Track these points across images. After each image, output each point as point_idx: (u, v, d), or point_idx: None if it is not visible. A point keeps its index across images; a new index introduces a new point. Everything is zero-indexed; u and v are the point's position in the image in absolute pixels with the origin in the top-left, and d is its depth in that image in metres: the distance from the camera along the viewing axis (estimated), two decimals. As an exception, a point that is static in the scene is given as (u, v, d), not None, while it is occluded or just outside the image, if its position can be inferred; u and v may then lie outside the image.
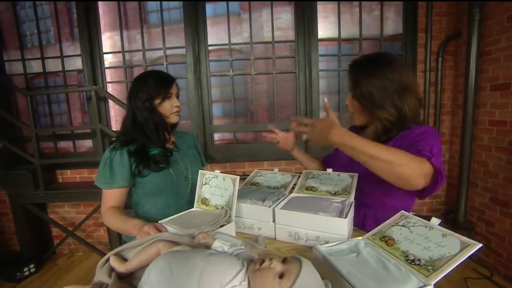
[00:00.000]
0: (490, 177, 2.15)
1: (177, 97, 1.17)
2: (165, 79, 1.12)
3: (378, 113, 0.91)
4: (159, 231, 0.78)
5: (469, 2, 2.14)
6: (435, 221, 0.64)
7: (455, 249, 0.56)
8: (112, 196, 1.05)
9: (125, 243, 0.79)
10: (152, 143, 1.10)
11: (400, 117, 0.91)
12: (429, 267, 0.54)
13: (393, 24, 2.50)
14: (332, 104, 2.53)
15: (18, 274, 2.29)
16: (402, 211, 0.73)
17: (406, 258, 0.58)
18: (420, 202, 2.65)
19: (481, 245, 0.54)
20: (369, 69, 0.92)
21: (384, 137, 0.93)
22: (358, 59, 0.97)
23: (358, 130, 1.05)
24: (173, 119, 1.15)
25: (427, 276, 0.52)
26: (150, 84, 1.09)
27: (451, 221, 2.44)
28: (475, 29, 2.11)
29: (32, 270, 2.40)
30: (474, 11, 2.10)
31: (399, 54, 2.50)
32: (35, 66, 2.61)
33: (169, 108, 1.12)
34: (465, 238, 0.57)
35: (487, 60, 2.13)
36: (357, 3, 2.44)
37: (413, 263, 0.56)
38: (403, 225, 0.68)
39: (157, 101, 1.09)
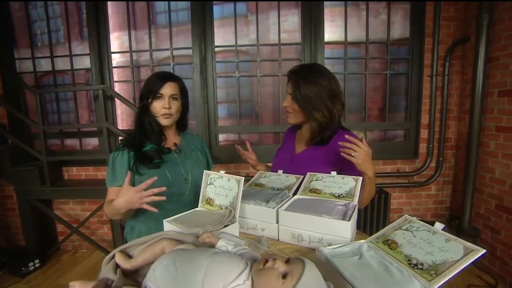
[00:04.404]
0: (497, 183, 2.13)
1: (176, 99, 1.14)
2: (157, 79, 1.12)
3: (315, 114, 1.08)
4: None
5: (478, 6, 2.12)
6: (438, 226, 0.64)
7: (458, 254, 0.55)
8: (113, 193, 1.09)
9: (126, 242, 0.81)
10: (149, 142, 1.13)
11: (331, 118, 1.09)
12: (432, 272, 0.54)
13: (400, 28, 2.49)
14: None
15: (23, 268, 2.33)
16: (406, 215, 0.73)
17: (409, 262, 0.58)
18: (424, 207, 2.63)
19: (484, 250, 0.54)
20: (306, 76, 1.08)
21: (318, 137, 1.11)
22: (297, 68, 1.13)
23: (294, 128, 1.29)
24: (161, 121, 1.13)
25: (429, 281, 0.52)
26: (146, 83, 1.14)
27: (456, 227, 2.41)
28: (483, 34, 2.10)
29: (37, 265, 2.43)
30: (483, 16, 2.08)
31: (405, 58, 2.50)
32: (45, 65, 2.65)
33: (158, 108, 1.11)
34: (468, 244, 0.57)
35: (495, 66, 2.12)
36: (364, 6, 2.44)
37: (415, 267, 0.57)
38: (407, 229, 0.68)
39: (149, 100, 1.12)
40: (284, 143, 1.32)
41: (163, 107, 1.11)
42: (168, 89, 1.12)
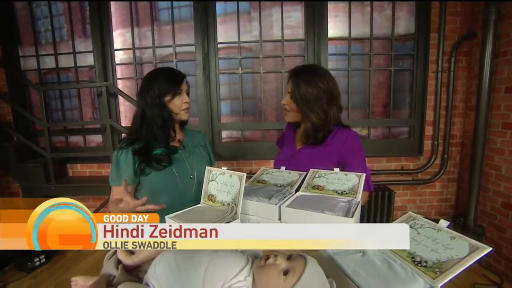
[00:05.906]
0: (503, 181, 2.10)
1: (187, 94, 1.17)
2: (176, 76, 1.13)
3: (311, 116, 1.10)
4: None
5: (485, 1, 2.08)
6: (443, 223, 0.63)
7: (463, 252, 0.54)
8: (117, 192, 1.09)
9: None
10: (157, 141, 1.10)
11: (326, 120, 1.11)
12: (436, 269, 0.53)
13: (405, 23, 2.46)
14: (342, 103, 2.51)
15: (29, 264, 2.33)
16: (410, 212, 0.72)
17: (413, 259, 0.58)
18: (429, 205, 2.61)
19: (490, 248, 0.53)
20: (307, 78, 1.09)
21: (311, 138, 1.13)
22: (298, 68, 1.15)
23: (293, 126, 1.26)
24: (183, 116, 1.15)
25: (434, 278, 0.52)
26: (161, 81, 1.10)
27: (461, 225, 2.39)
28: (490, 29, 2.06)
29: (43, 260, 2.43)
30: (490, 10, 2.04)
31: (410, 54, 2.46)
32: (48, 62, 2.66)
33: (179, 104, 1.12)
34: (474, 241, 0.56)
35: (502, 61, 2.08)
36: (368, 2, 2.40)
37: (419, 265, 0.56)
38: (411, 226, 0.67)
39: (167, 98, 1.10)
40: (286, 140, 1.32)
41: (183, 102, 1.13)
42: (184, 84, 1.14)
